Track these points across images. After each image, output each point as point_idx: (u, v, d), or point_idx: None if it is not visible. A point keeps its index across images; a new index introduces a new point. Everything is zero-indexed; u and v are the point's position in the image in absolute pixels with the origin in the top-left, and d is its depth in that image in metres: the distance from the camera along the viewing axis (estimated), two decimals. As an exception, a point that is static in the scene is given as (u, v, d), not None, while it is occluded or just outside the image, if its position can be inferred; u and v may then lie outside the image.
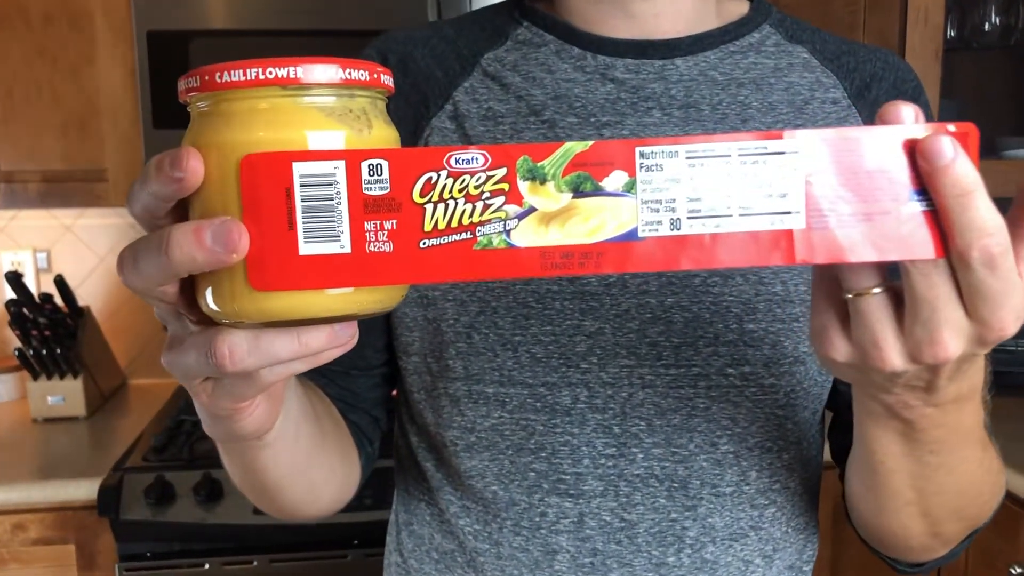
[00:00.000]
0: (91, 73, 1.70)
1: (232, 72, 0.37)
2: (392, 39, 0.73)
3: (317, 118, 0.37)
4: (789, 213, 0.38)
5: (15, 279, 1.76)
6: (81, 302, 1.94)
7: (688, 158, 0.37)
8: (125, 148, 1.72)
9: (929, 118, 0.68)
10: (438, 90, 0.70)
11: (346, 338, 0.40)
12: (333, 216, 0.36)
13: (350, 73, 0.38)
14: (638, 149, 0.37)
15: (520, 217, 0.37)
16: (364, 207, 0.36)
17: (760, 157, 0.38)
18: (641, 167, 0.37)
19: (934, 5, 1.76)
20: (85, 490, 1.49)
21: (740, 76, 0.69)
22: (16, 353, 1.75)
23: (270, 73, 0.37)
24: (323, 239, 0.36)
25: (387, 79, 0.40)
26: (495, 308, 0.66)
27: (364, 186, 0.36)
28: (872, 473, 0.57)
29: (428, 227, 0.37)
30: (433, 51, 0.71)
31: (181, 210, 0.39)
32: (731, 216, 0.38)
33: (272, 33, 1.66)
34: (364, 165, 0.36)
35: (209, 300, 0.38)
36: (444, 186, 0.37)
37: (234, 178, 0.36)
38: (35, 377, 1.79)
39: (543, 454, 0.67)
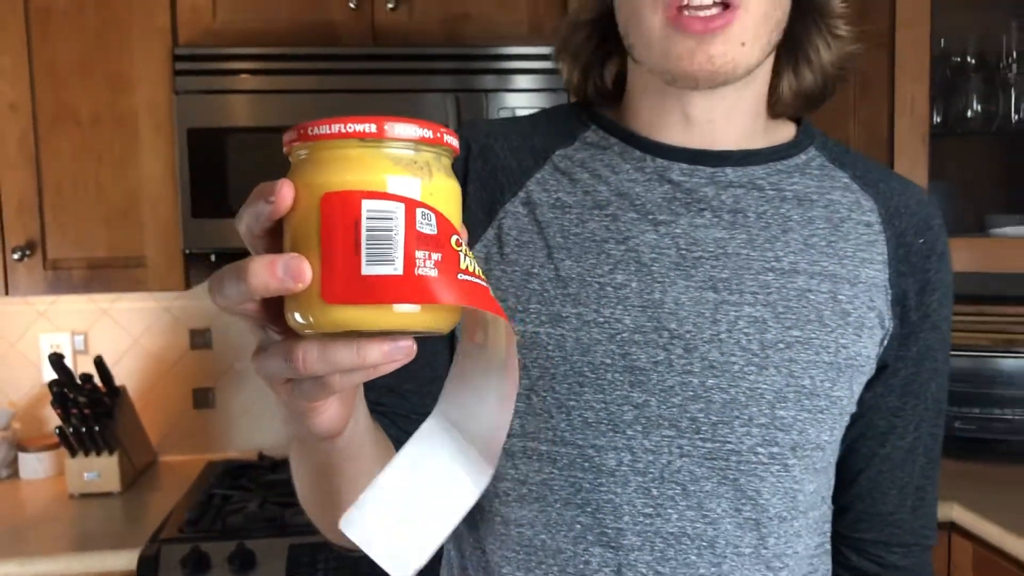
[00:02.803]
0: (134, 167, 1.89)
1: (321, 127, 0.44)
2: (476, 129, 0.82)
3: (387, 165, 0.44)
4: None
5: (57, 361, 1.92)
6: (116, 382, 2.09)
7: None
8: (164, 236, 1.89)
9: (946, 262, 0.80)
10: (513, 179, 0.79)
11: (401, 354, 0.45)
12: (391, 244, 0.43)
13: (416, 131, 0.45)
14: None
15: None
16: (417, 240, 0.43)
17: None
18: None
19: (919, 95, 1.96)
20: (124, 561, 1.62)
21: (785, 191, 0.78)
22: (57, 431, 1.90)
23: (351, 128, 0.44)
24: (381, 262, 0.42)
25: (450, 139, 0.46)
26: (553, 375, 0.74)
27: (418, 224, 0.43)
28: None
29: (463, 266, 0.45)
30: (510, 144, 0.80)
31: (276, 233, 0.46)
32: None
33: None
34: (418, 211, 0.44)
35: (293, 315, 0.45)
36: (467, 251, 0.46)
37: (317, 211, 0.43)
38: (73, 454, 1.92)
39: (588, 509, 0.75)
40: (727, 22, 0.69)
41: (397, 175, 0.44)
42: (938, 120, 2.02)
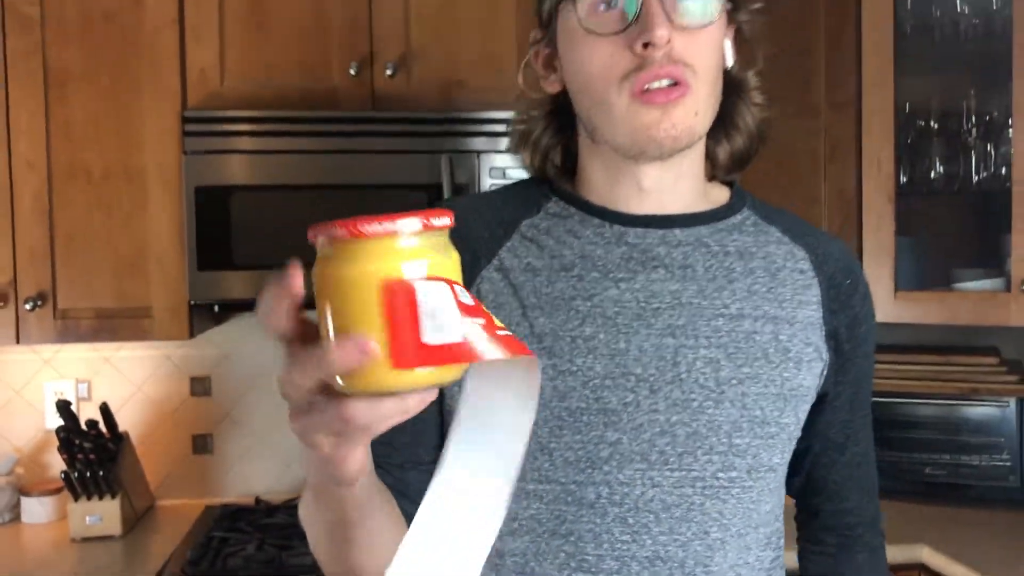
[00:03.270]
0: (142, 222, 1.96)
1: (371, 225, 0.49)
2: (451, 208, 0.89)
3: (424, 251, 0.50)
4: None
5: (64, 407, 1.98)
6: (119, 428, 2.13)
7: None
8: (170, 288, 1.96)
9: (869, 299, 0.93)
10: (486, 248, 0.87)
11: (429, 399, 0.52)
12: (445, 316, 0.49)
13: (438, 220, 0.52)
14: None
15: None
16: (462, 311, 0.50)
17: None
18: None
19: (886, 156, 2.06)
20: (127, 601, 1.66)
21: (728, 246, 0.88)
22: (62, 476, 1.94)
23: (397, 224, 0.50)
24: (438, 331, 0.49)
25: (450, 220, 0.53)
26: (536, 421, 0.79)
27: (459, 298, 0.50)
28: None
29: (498, 323, 0.51)
30: (482, 217, 0.89)
31: (298, 320, 0.51)
32: None
33: (300, 188, 1.94)
34: (456, 287, 0.50)
35: (342, 381, 0.50)
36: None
37: (376, 295, 0.49)
38: (76, 498, 1.96)
39: (571, 538, 0.83)
40: (683, 93, 0.80)
41: (430, 257, 0.50)
42: (904, 180, 2.11)
